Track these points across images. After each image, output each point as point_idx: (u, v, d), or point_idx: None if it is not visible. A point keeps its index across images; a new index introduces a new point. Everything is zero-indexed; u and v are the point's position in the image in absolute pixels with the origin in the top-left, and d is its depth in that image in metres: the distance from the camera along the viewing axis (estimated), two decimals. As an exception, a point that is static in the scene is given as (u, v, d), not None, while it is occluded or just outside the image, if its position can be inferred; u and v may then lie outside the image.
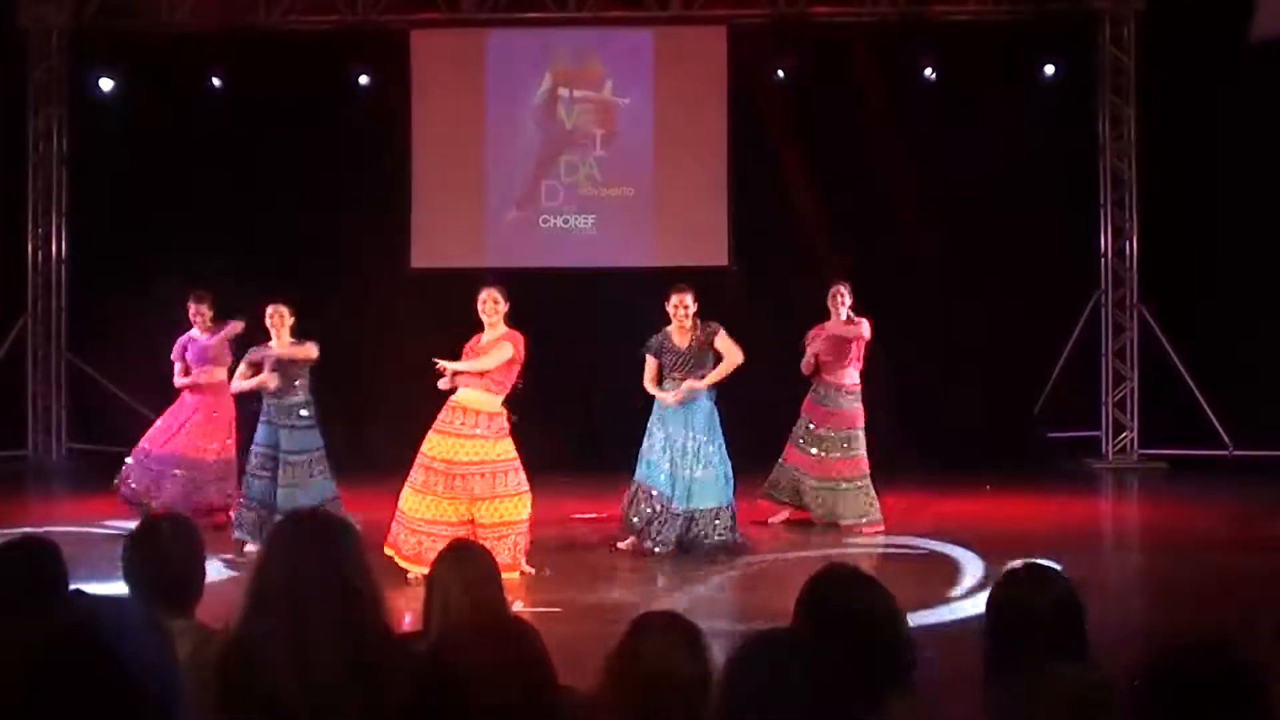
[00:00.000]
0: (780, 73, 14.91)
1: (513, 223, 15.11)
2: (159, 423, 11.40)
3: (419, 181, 15.06)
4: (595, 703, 2.95)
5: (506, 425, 9.10)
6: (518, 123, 15.09)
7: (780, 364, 11.26)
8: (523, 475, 9.10)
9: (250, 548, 9.42)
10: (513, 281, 9.65)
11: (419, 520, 8.95)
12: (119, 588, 3.55)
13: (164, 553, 3.56)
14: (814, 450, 10.98)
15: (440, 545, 8.60)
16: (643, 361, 10.02)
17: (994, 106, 14.30)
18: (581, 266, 14.63)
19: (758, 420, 11.36)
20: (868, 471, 10.93)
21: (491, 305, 9.06)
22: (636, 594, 8.58)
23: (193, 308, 11.31)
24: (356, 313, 13.16)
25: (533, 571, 9.12)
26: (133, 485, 11.14)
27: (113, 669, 1.92)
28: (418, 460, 9.07)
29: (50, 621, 1.97)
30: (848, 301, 11.00)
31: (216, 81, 14.92)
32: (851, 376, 11.01)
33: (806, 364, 10.93)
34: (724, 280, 13.90)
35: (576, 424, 13.05)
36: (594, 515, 11.27)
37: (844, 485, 10.90)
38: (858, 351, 11.00)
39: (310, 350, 9.84)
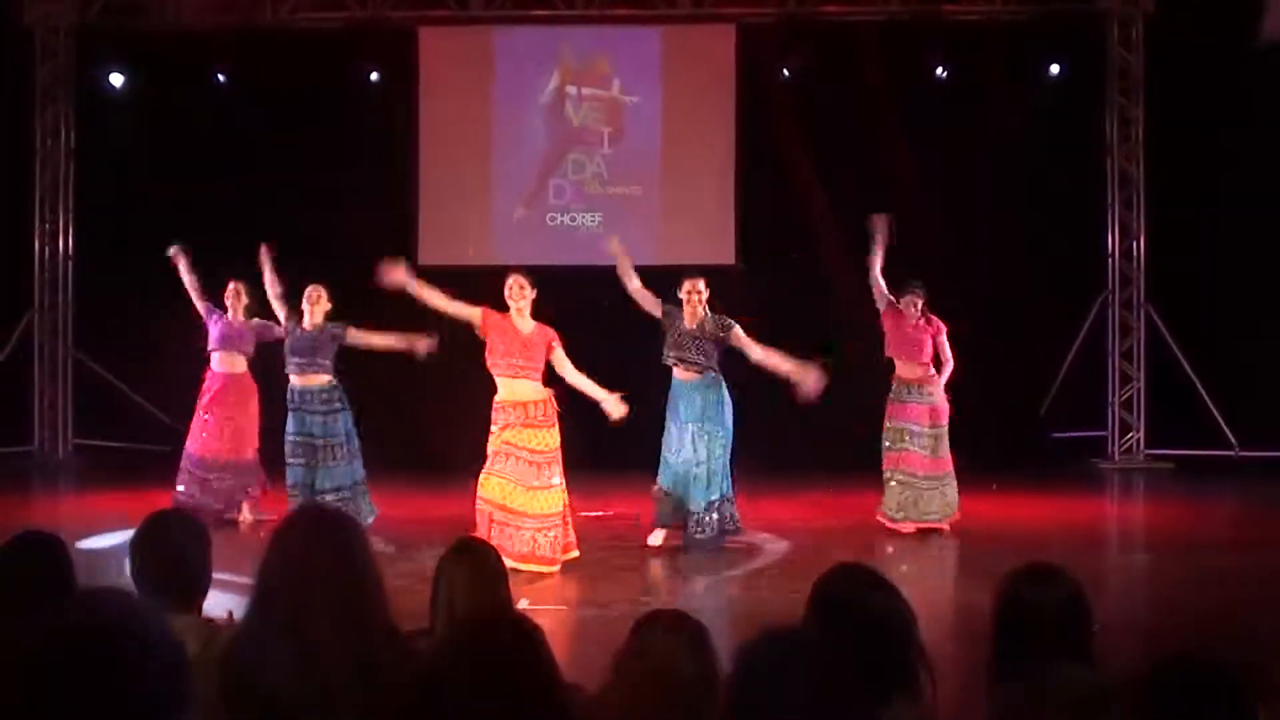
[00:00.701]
0: (787, 71, 14.91)
1: (520, 220, 15.12)
2: (194, 425, 11.21)
3: (426, 179, 15.07)
4: (601, 701, 2.95)
5: (555, 411, 9.24)
6: (525, 121, 15.10)
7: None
8: (560, 466, 9.24)
9: None
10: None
11: (521, 515, 8.99)
12: (125, 584, 3.55)
13: (170, 549, 3.55)
14: (897, 446, 10.74)
15: (549, 537, 8.81)
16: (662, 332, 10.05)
17: (1001, 106, 14.30)
18: (588, 264, 14.60)
19: (764, 417, 11.35)
20: (951, 470, 10.74)
21: (518, 291, 9.21)
22: (642, 592, 8.58)
23: (231, 288, 11.10)
24: (363, 310, 13.13)
25: (571, 557, 9.15)
26: (183, 491, 10.97)
27: (123, 666, 1.92)
28: (494, 453, 9.12)
29: (61, 618, 1.97)
30: (920, 306, 10.81)
31: (223, 79, 14.94)
32: (929, 371, 10.79)
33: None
34: (731, 278, 13.88)
35: (581, 421, 13.05)
36: (599, 513, 11.27)
37: (930, 481, 10.67)
38: (930, 348, 10.77)
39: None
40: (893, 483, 10.74)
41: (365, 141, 14.65)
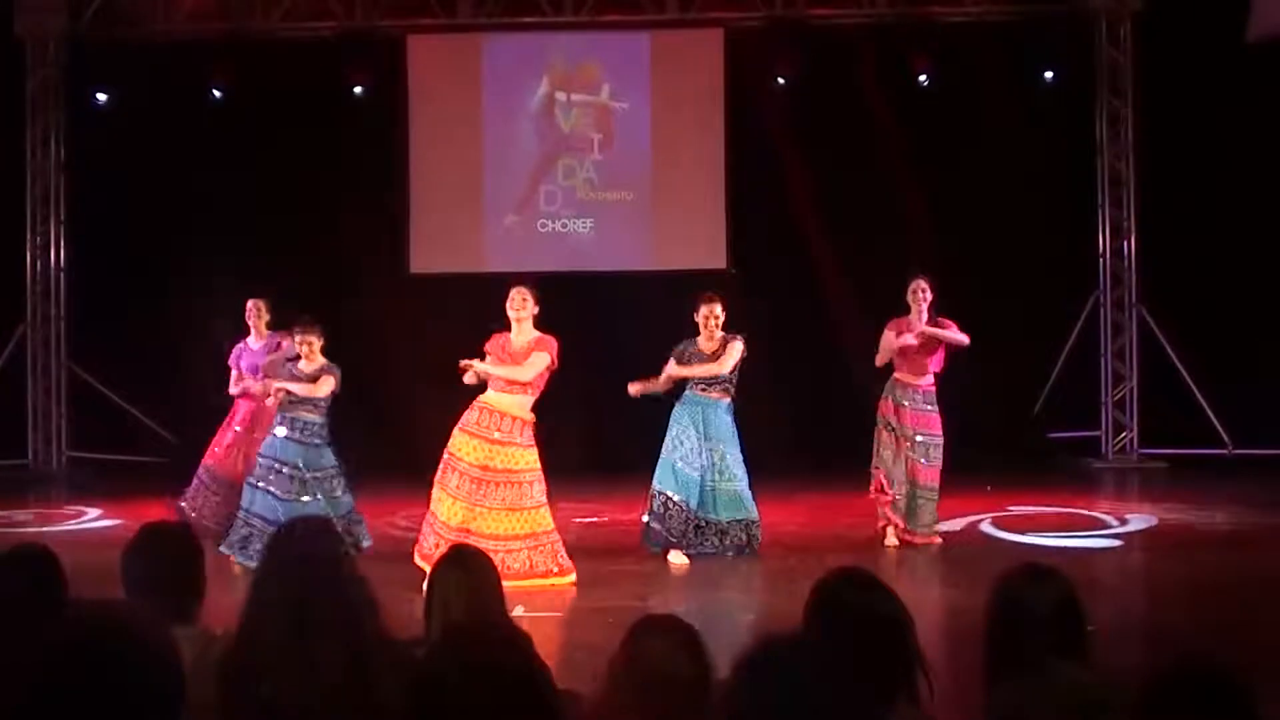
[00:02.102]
0: (778, 76, 14.91)
1: (511, 227, 15.11)
2: (217, 436, 11.04)
3: (417, 187, 15.06)
4: (596, 706, 2.95)
5: (532, 433, 9.03)
6: (515, 127, 15.10)
7: (778, 366, 11.26)
8: (544, 485, 9.07)
9: (237, 564, 9.14)
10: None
11: (444, 525, 8.84)
12: (118, 597, 3.54)
13: (164, 560, 3.55)
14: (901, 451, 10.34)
15: (542, 554, 8.70)
16: (665, 361, 9.96)
17: (992, 106, 14.32)
18: (579, 270, 14.61)
19: (758, 422, 11.34)
20: (939, 484, 10.34)
21: (520, 301, 9.04)
22: (638, 598, 8.57)
23: (250, 307, 10.84)
24: (356, 318, 13.16)
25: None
26: (185, 504, 10.80)
27: (118, 675, 1.92)
28: (446, 461, 8.94)
29: (57, 629, 1.97)
30: (929, 297, 10.35)
31: (214, 89, 14.90)
32: (930, 379, 10.42)
33: (886, 354, 10.32)
34: (722, 283, 13.86)
35: (576, 428, 13.05)
36: (594, 519, 11.27)
37: (921, 493, 10.27)
38: (942, 353, 10.44)
39: (324, 386, 9.54)
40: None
41: (356, 150, 14.66)
